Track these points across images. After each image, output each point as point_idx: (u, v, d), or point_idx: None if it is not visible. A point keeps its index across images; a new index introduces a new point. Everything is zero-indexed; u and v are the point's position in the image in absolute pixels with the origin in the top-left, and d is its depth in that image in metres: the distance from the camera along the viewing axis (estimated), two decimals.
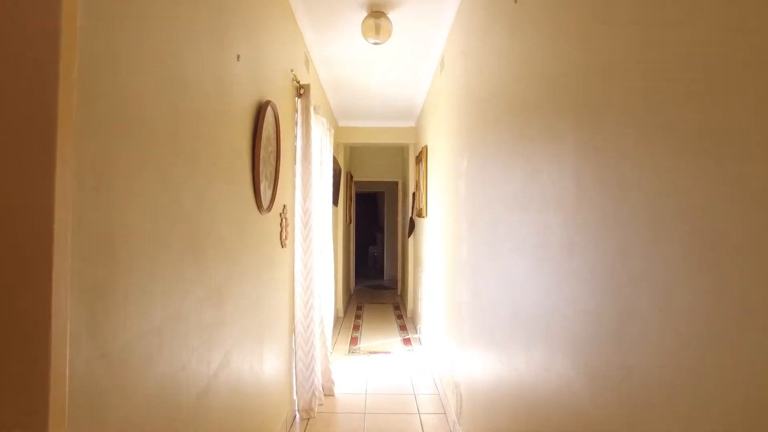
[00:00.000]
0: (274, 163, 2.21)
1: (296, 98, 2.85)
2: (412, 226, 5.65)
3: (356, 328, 5.28)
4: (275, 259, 2.34)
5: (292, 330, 2.80)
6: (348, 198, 6.58)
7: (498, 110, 1.73)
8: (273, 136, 2.17)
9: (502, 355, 1.59)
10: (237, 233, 1.69)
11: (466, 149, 2.37)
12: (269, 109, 2.03)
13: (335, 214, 5.31)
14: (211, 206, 1.40)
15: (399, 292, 7.57)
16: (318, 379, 2.91)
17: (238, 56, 1.68)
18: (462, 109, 2.52)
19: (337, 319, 5.55)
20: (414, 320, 5.47)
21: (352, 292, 7.56)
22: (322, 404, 3.00)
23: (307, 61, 3.33)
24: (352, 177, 6.96)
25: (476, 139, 2.14)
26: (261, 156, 1.94)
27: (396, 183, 7.67)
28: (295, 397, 2.84)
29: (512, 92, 1.55)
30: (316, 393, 2.88)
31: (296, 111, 2.85)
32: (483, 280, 1.95)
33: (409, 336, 4.90)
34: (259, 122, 1.91)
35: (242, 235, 1.76)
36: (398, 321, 5.63)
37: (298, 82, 2.80)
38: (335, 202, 5.01)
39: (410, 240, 5.82)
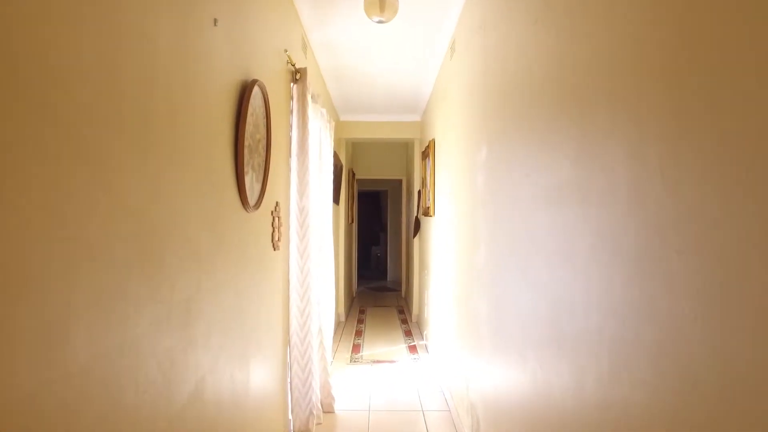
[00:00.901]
0: (263, 154, 1.92)
1: (291, 84, 2.56)
2: (417, 225, 5.36)
3: (358, 333, 4.99)
4: (266, 263, 2.04)
5: (287, 342, 2.51)
6: (350, 196, 6.28)
7: (529, 87, 1.44)
8: (262, 121, 1.88)
9: (538, 386, 1.29)
10: (213, 234, 1.39)
11: (484, 137, 2.07)
12: (256, 88, 1.74)
13: (336, 213, 5.02)
14: (173, 201, 1.10)
15: (403, 295, 7.28)
16: (316, 396, 2.62)
17: (216, 20, 1.38)
18: (478, 93, 2.22)
19: (338, 324, 5.25)
20: (420, 325, 5.17)
21: (354, 294, 7.26)
22: (320, 423, 2.71)
23: (305, 46, 3.03)
24: (354, 174, 6.66)
25: (497, 125, 1.84)
26: (246, 143, 1.64)
27: (400, 181, 7.37)
28: (290, 416, 2.55)
29: (555, 64, 1.25)
30: (314, 411, 2.59)
31: (291, 98, 2.56)
32: (507, 290, 1.65)
33: (415, 342, 4.60)
34: (244, 102, 1.61)
35: (221, 237, 1.46)
36: (403, 326, 5.33)
37: (294, 65, 2.50)
38: (336, 200, 4.71)
39: (415, 240, 5.52)
